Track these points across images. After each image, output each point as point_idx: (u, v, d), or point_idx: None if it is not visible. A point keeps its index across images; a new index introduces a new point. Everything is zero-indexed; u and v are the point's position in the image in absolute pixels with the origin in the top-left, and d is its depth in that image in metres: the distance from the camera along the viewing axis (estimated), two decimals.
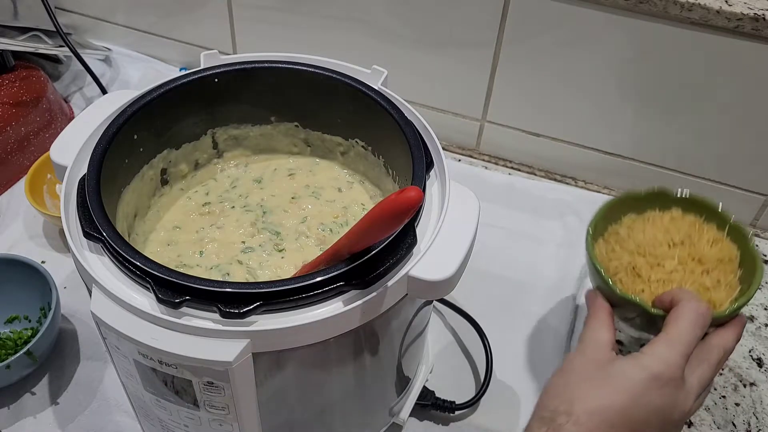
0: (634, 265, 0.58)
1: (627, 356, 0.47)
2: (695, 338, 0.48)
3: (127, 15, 1.03)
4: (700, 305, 0.49)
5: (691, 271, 0.58)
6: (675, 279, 0.57)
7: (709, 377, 0.49)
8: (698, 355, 0.49)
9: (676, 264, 0.58)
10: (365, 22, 0.87)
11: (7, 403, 0.65)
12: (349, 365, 0.50)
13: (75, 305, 0.72)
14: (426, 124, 0.54)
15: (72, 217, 0.48)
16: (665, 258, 0.58)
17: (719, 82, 0.74)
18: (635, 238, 0.60)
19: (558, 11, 0.76)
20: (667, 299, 0.52)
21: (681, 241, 0.59)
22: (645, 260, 0.59)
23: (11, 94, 0.85)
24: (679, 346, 0.47)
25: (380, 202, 0.39)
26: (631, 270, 0.58)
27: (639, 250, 0.59)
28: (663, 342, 0.47)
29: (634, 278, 0.58)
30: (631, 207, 0.63)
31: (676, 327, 0.48)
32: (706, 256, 0.58)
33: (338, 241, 0.45)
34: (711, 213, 0.61)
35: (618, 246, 0.60)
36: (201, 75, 0.57)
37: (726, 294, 0.56)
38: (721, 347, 0.51)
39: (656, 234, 0.60)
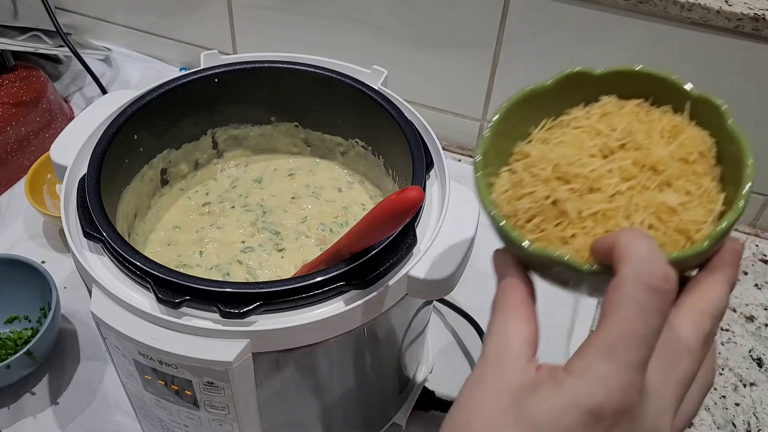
0: (555, 198, 0.36)
1: (549, 377, 0.29)
2: (654, 326, 0.28)
3: (127, 15, 1.03)
4: (652, 267, 0.29)
5: (643, 187, 0.36)
6: (620, 207, 0.35)
7: (694, 371, 0.31)
8: (669, 346, 0.30)
9: (619, 181, 0.36)
10: (365, 22, 0.87)
11: (7, 403, 0.65)
12: (349, 365, 0.50)
13: (75, 305, 0.72)
14: (426, 124, 0.54)
15: (72, 217, 0.48)
16: (601, 177, 0.36)
17: (719, 82, 0.74)
18: (551, 155, 0.37)
19: (558, 11, 0.76)
20: (606, 247, 0.31)
21: (621, 144, 0.37)
22: (570, 187, 0.36)
23: (11, 94, 0.85)
24: (628, 351, 0.28)
25: (381, 202, 0.39)
26: (551, 207, 0.36)
27: (558, 173, 0.37)
28: (600, 349, 0.28)
29: (557, 219, 0.36)
30: (543, 110, 0.40)
31: (617, 317, 0.28)
32: (662, 160, 0.36)
33: (338, 240, 0.45)
34: (660, 88, 0.39)
35: (528, 174, 0.38)
36: (201, 75, 0.57)
37: (703, 211, 0.35)
38: (706, 313, 0.31)
39: (582, 141, 0.38)
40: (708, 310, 0.31)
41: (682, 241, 0.33)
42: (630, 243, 0.30)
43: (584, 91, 0.40)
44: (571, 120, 0.39)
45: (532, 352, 0.31)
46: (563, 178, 0.37)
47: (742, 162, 0.35)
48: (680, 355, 0.30)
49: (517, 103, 0.39)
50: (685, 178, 0.36)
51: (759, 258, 0.81)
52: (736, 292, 0.77)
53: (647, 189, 0.36)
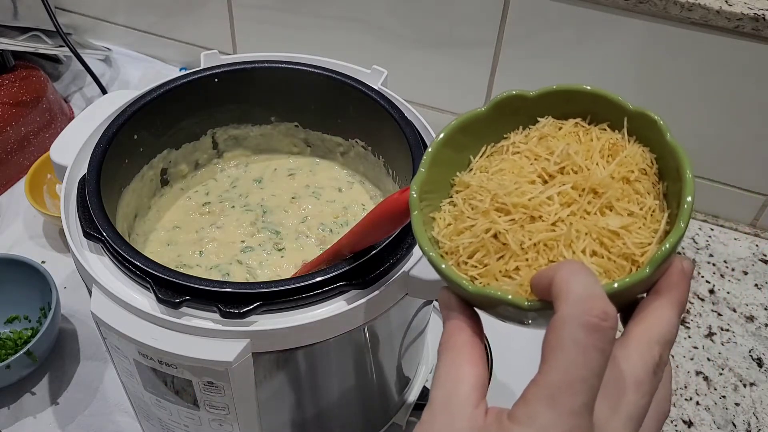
0: (495, 231, 0.34)
1: (497, 426, 0.29)
2: (595, 366, 0.27)
3: (127, 15, 1.03)
4: (589, 304, 0.27)
5: (584, 212, 0.34)
6: (562, 235, 0.33)
7: (646, 404, 0.30)
8: (615, 383, 0.29)
9: (559, 208, 0.34)
10: (365, 22, 0.87)
11: (7, 403, 0.65)
12: (349, 365, 0.50)
13: (75, 305, 0.72)
14: (426, 124, 0.54)
15: (72, 217, 0.48)
16: (540, 204, 0.34)
17: (719, 82, 0.74)
18: (489, 185, 0.36)
19: (558, 11, 0.76)
20: (545, 283, 0.29)
21: (560, 167, 0.36)
22: (510, 218, 0.35)
23: (11, 94, 0.85)
24: (570, 397, 0.27)
25: (382, 202, 0.39)
26: (492, 240, 0.34)
27: (497, 203, 0.35)
28: (543, 395, 0.27)
29: (500, 252, 0.34)
30: (483, 136, 0.39)
31: (557, 360, 0.27)
32: (602, 181, 0.34)
33: (339, 240, 0.45)
34: (597, 105, 0.38)
35: (467, 206, 0.36)
36: (201, 75, 0.57)
37: (648, 231, 0.33)
38: (654, 342, 0.30)
39: (520, 168, 0.36)
40: (656, 338, 0.30)
41: (628, 267, 0.32)
42: (567, 279, 0.28)
43: (522, 115, 0.38)
44: (510, 145, 0.38)
45: (480, 396, 0.31)
46: (503, 209, 0.35)
47: (683, 176, 0.32)
48: (628, 390, 0.29)
49: (453, 131, 0.38)
50: (627, 198, 0.34)
51: (759, 258, 0.81)
52: (736, 292, 0.77)
53: (588, 213, 0.34)
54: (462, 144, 0.39)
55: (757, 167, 0.80)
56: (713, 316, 0.75)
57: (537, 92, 0.38)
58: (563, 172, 0.36)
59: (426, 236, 0.35)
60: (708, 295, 0.77)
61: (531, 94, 0.38)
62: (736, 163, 0.81)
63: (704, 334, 0.73)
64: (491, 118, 0.38)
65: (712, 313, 0.75)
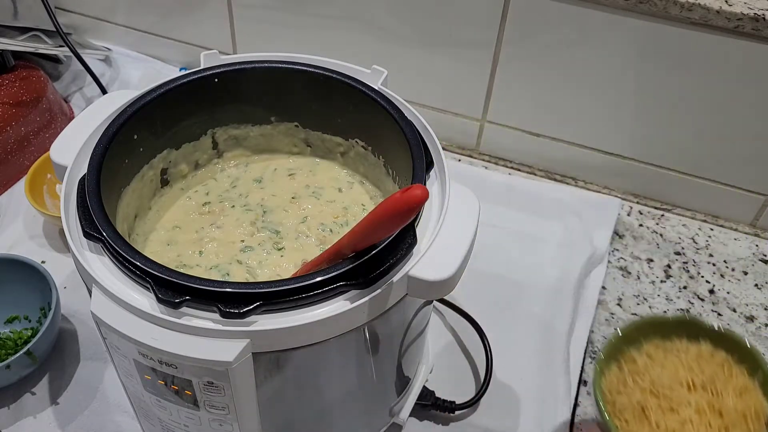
0: (644, 405, 0.52)
1: None
2: None
3: (127, 15, 1.03)
4: None
5: (707, 425, 0.50)
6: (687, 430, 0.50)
7: None
8: None
9: (693, 413, 0.50)
10: (365, 22, 0.87)
11: (7, 403, 0.65)
12: (349, 365, 0.50)
13: (75, 305, 0.72)
14: (426, 124, 0.54)
15: (72, 217, 0.48)
16: (681, 403, 0.51)
17: (719, 82, 0.74)
18: (652, 372, 0.54)
19: (558, 11, 0.76)
20: None
21: (703, 384, 0.52)
22: (657, 402, 0.52)
23: (11, 94, 0.85)
24: None
25: (385, 200, 0.39)
26: (639, 411, 0.51)
27: (653, 388, 0.53)
28: None
29: (640, 421, 0.51)
30: (656, 330, 0.57)
31: None
32: (728, 409, 0.51)
33: (341, 239, 0.45)
34: (743, 353, 0.54)
35: (631, 378, 0.54)
36: (201, 75, 0.57)
37: None
38: None
39: (677, 371, 0.53)
40: None
41: None
42: None
43: (690, 330, 0.56)
44: (674, 347, 0.56)
45: None
46: (655, 393, 0.52)
47: None
48: None
49: (642, 322, 0.57)
50: (740, 429, 0.50)
51: (759, 258, 0.81)
52: (736, 292, 0.77)
53: (711, 426, 0.50)
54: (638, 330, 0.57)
55: (757, 167, 0.80)
56: (713, 316, 0.75)
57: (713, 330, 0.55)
58: (704, 389, 0.52)
59: (600, 386, 0.53)
60: (708, 295, 0.77)
61: (707, 326, 0.56)
62: (736, 163, 0.81)
63: None
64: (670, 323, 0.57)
65: (712, 313, 0.75)
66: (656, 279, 0.78)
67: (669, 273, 0.79)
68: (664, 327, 0.57)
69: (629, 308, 0.75)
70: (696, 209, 0.87)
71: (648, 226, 0.85)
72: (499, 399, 0.66)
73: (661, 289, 0.77)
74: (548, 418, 0.64)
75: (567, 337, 0.71)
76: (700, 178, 0.84)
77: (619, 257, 0.81)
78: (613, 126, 0.84)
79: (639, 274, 0.79)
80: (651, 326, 0.57)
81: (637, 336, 0.57)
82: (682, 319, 0.58)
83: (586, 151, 0.87)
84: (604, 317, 0.74)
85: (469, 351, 0.70)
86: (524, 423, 0.65)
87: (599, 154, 0.87)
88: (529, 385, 0.67)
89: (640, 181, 0.87)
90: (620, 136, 0.85)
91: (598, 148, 0.87)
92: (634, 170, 0.86)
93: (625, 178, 0.88)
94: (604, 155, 0.87)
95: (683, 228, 0.85)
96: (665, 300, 0.76)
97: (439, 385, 0.65)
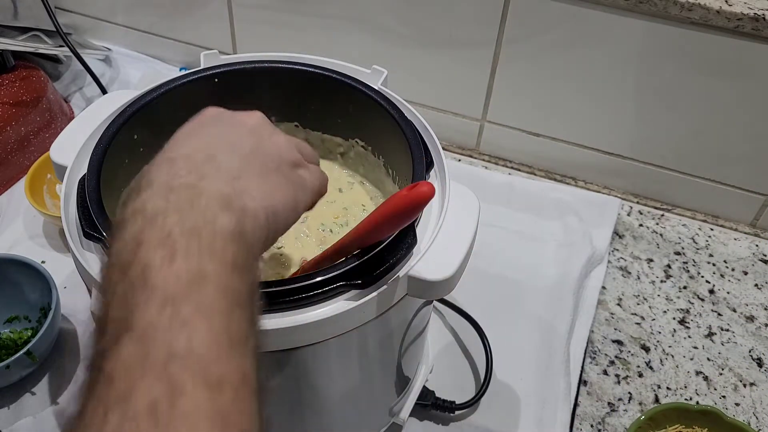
0: None
1: None
2: None
3: (127, 15, 1.03)
4: None
5: None
6: None
7: None
8: None
9: None
10: (365, 22, 0.87)
11: (7, 403, 0.65)
12: (349, 365, 0.50)
13: (75, 305, 0.72)
14: (426, 124, 0.54)
15: (72, 217, 0.48)
16: None
17: (719, 82, 0.74)
18: None
19: (558, 11, 0.76)
20: None
21: None
22: None
23: (11, 94, 0.85)
24: None
25: (392, 197, 0.39)
26: None
27: None
28: None
29: None
30: (680, 416, 0.62)
31: None
32: None
33: (345, 236, 0.44)
34: None
35: None
36: (201, 75, 0.57)
37: None
38: None
39: None
40: None
41: None
42: None
43: (713, 421, 0.61)
44: None
45: None
46: None
47: None
48: None
49: (666, 408, 0.62)
50: None
51: (759, 258, 0.81)
52: (736, 292, 0.77)
53: None
54: (663, 415, 0.62)
55: (757, 167, 0.80)
56: (713, 316, 0.75)
57: (731, 420, 0.61)
58: None
59: None
60: (708, 295, 0.77)
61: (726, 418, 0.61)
62: (737, 163, 0.81)
63: (704, 334, 0.73)
64: (694, 411, 0.62)
65: (712, 313, 0.75)
66: (656, 279, 0.78)
67: (669, 273, 0.79)
68: (688, 414, 0.62)
69: (629, 308, 0.75)
70: (696, 209, 0.87)
71: (648, 226, 0.85)
72: (499, 399, 0.66)
73: (661, 289, 0.77)
74: (548, 418, 0.64)
75: (567, 337, 0.71)
76: (700, 178, 0.84)
77: (619, 257, 0.81)
78: (613, 126, 0.84)
79: (639, 274, 0.79)
80: (675, 412, 0.62)
81: (663, 421, 0.62)
82: (704, 409, 0.61)
83: (586, 151, 0.87)
84: (604, 317, 0.74)
85: (469, 351, 0.70)
86: (524, 423, 0.65)
87: (599, 154, 0.87)
88: (529, 385, 0.67)
89: (640, 181, 0.87)
90: (620, 136, 0.85)
91: (598, 148, 0.87)
92: (634, 170, 0.86)
93: (625, 178, 0.88)
94: (604, 155, 0.87)
95: (683, 228, 0.85)
96: (665, 300, 0.76)
97: (439, 385, 0.65)
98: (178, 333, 0.26)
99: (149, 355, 0.26)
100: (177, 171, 0.33)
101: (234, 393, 0.26)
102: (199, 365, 0.26)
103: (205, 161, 0.34)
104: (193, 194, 0.31)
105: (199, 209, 0.31)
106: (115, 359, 0.26)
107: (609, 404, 0.67)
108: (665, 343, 0.72)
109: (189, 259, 0.28)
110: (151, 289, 0.27)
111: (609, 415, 0.66)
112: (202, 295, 0.28)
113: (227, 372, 0.27)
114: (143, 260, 0.28)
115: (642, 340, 0.72)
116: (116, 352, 0.26)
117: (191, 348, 0.26)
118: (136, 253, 0.29)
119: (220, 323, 0.28)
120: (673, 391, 0.68)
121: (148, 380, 0.25)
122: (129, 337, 0.26)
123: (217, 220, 0.30)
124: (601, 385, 0.69)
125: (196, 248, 0.29)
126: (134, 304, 0.27)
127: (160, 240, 0.29)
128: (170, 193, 0.31)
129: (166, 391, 0.25)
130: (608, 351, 0.71)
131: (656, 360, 0.71)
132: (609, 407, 0.67)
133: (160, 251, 0.29)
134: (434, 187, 0.38)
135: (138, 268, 0.28)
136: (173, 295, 0.27)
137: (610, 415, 0.66)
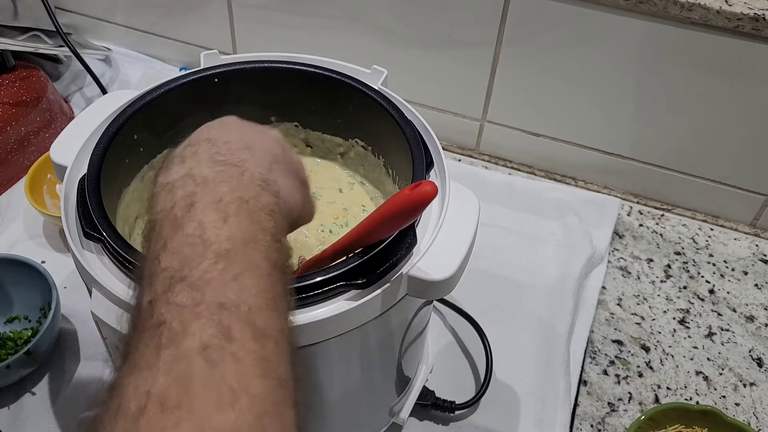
0: None
1: None
2: None
3: (127, 15, 1.03)
4: None
5: None
6: None
7: None
8: None
9: None
10: (365, 22, 0.87)
11: (7, 403, 0.65)
12: (349, 365, 0.50)
13: (75, 305, 0.72)
14: (426, 124, 0.54)
15: (72, 217, 0.48)
16: None
17: (719, 82, 0.74)
18: None
19: (558, 11, 0.76)
20: None
21: None
22: None
23: (11, 94, 0.85)
24: None
25: (394, 196, 0.39)
26: None
27: None
28: None
29: None
30: (680, 416, 0.62)
31: None
32: None
33: (346, 236, 0.44)
34: None
35: None
36: (201, 75, 0.57)
37: None
38: None
39: None
40: None
41: None
42: None
43: (713, 421, 0.61)
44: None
45: None
46: None
47: None
48: None
49: (667, 409, 0.62)
50: None
51: (759, 258, 0.81)
52: (736, 292, 0.77)
53: None
54: (663, 415, 0.62)
55: (757, 167, 0.80)
56: (713, 316, 0.75)
57: (731, 419, 0.61)
58: None
59: None
60: (708, 295, 0.77)
61: (725, 418, 0.61)
62: (736, 163, 0.81)
63: (704, 334, 0.73)
64: (693, 411, 0.62)
65: (712, 313, 0.75)
66: (656, 279, 0.78)
67: (669, 273, 0.79)
68: (688, 414, 0.62)
69: (629, 308, 0.75)
70: (696, 209, 0.87)
71: (648, 226, 0.85)
72: (499, 399, 0.66)
73: (661, 289, 0.77)
74: (548, 418, 0.65)
75: (567, 337, 0.71)
76: (700, 178, 0.84)
77: (619, 257, 0.81)
78: (613, 126, 0.84)
79: (639, 274, 0.79)
80: (675, 412, 0.62)
81: (663, 421, 0.62)
82: (704, 409, 0.61)
83: (586, 151, 0.87)
84: (604, 317, 0.74)
85: (469, 351, 0.70)
86: (524, 423, 0.65)
87: (599, 154, 0.87)
88: (529, 385, 0.67)
89: (640, 181, 0.87)
90: (620, 136, 0.85)
91: (598, 148, 0.87)
92: (634, 170, 0.86)
93: (624, 178, 0.88)
94: (604, 155, 0.87)
95: (683, 228, 0.85)
96: (665, 300, 0.76)
97: (439, 385, 0.65)
98: (230, 285, 0.29)
99: (203, 302, 0.28)
100: (219, 149, 0.36)
101: (275, 345, 0.29)
102: (248, 316, 0.29)
103: (243, 148, 0.37)
104: (238, 171, 0.35)
105: (245, 184, 0.34)
106: (168, 304, 0.29)
107: (609, 404, 0.67)
108: (665, 343, 0.72)
109: (240, 223, 0.32)
110: (206, 244, 0.30)
111: (609, 415, 0.66)
112: (250, 256, 0.31)
113: (270, 326, 0.30)
114: (197, 218, 0.32)
115: (642, 340, 0.72)
116: (169, 298, 0.29)
117: (241, 299, 0.29)
118: (190, 211, 0.32)
119: (264, 282, 0.31)
120: (673, 391, 0.68)
121: (200, 323, 0.28)
122: (183, 285, 0.29)
123: (260, 196, 0.34)
124: (601, 385, 0.69)
125: (246, 215, 0.33)
126: (189, 256, 0.30)
127: (213, 203, 0.32)
128: (217, 165, 0.35)
129: (218, 334, 0.27)
130: (608, 351, 0.71)
131: (656, 360, 0.71)
132: (609, 407, 0.67)
133: (213, 213, 0.32)
134: (437, 186, 0.38)
135: (193, 224, 0.31)
136: (226, 251, 0.30)
137: (610, 415, 0.66)
